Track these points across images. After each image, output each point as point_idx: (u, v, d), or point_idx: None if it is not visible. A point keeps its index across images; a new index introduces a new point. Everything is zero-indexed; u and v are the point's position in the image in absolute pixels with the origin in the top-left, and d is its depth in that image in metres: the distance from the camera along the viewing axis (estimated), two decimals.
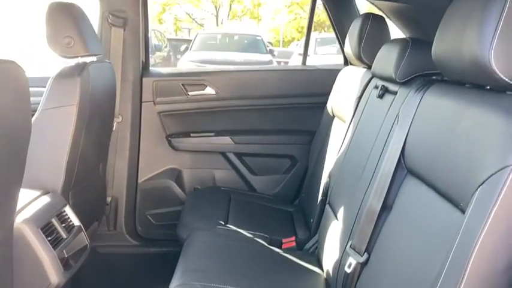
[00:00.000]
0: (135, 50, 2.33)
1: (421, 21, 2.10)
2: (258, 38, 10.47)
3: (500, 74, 0.89)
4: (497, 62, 0.88)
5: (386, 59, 1.51)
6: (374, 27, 1.83)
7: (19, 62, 1.15)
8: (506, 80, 0.89)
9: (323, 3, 2.47)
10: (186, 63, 8.72)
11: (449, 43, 1.02)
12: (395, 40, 1.55)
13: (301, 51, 2.97)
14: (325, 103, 2.26)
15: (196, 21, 23.08)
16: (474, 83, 1.03)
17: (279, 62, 11.36)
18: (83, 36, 1.78)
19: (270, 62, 9.15)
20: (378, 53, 1.62)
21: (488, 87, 0.98)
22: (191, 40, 10.60)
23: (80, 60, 1.84)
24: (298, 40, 18.42)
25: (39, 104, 1.73)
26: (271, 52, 10.24)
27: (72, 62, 1.83)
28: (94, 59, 1.94)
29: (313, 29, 2.80)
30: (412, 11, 2.11)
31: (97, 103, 1.89)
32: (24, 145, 1.24)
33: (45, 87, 1.75)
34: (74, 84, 1.72)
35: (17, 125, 1.18)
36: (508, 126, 0.84)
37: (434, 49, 1.10)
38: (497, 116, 0.87)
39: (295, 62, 10.69)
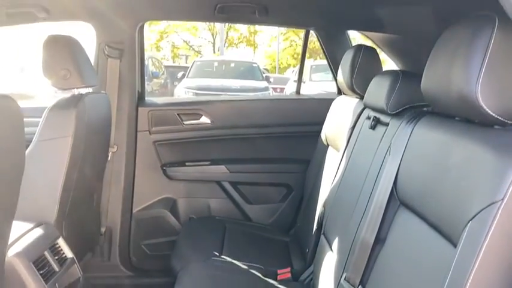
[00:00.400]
0: (131, 81, 2.36)
1: (412, 51, 2.14)
2: (254, 65, 10.60)
3: (487, 109, 0.91)
4: (484, 97, 0.90)
5: (378, 91, 1.54)
6: (366, 58, 1.86)
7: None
8: (493, 115, 0.91)
9: (316, 35, 2.53)
10: (183, 90, 8.80)
11: (437, 78, 1.04)
12: (386, 72, 1.58)
13: (297, 78, 3.02)
14: (320, 132, 2.28)
15: (193, 49, 23.36)
16: (463, 116, 1.04)
17: (275, 89, 11.48)
18: (79, 68, 1.81)
19: (266, 88, 9.24)
20: (370, 85, 1.65)
21: (477, 121, 1.00)
22: (188, 67, 10.70)
23: (76, 91, 1.86)
24: (294, 67, 18.63)
25: (33, 134, 1.74)
26: (267, 79, 10.34)
27: (68, 93, 1.86)
28: (90, 90, 1.96)
29: (308, 56, 2.85)
30: (403, 41, 2.16)
31: (92, 134, 1.90)
32: (17, 178, 1.24)
33: (40, 117, 1.77)
34: (69, 115, 1.73)
35: (11, 159, 1.19)
36: (496, 162, 0.85)
37: (423, 83, 1.12)
38: (485, 151, 0.89)
39: (291, 88, 10.80)
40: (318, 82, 9.62)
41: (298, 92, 2.80)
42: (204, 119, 2.49)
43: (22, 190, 1.26)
